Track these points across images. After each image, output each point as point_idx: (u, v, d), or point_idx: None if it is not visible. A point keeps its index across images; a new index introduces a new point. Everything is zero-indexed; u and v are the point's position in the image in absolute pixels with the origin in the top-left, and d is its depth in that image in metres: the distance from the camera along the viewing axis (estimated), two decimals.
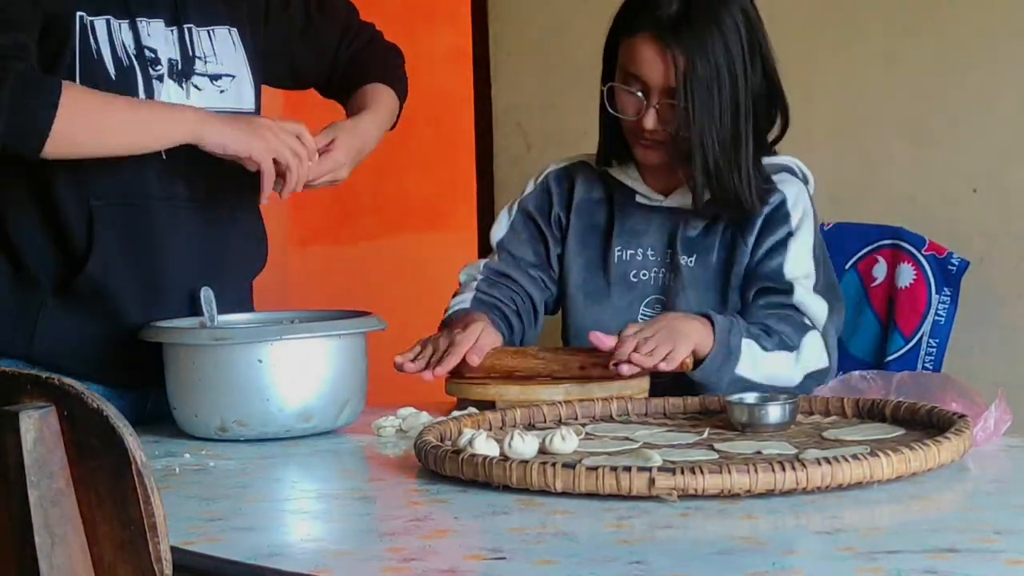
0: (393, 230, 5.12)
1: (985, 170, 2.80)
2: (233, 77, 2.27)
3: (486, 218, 3.51)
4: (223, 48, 2.26)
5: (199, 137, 2.08)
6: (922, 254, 2.62)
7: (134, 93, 2.15)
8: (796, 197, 2.35)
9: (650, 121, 2.29)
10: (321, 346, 2.04)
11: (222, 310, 2.17)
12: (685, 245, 2.36)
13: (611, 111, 2.34)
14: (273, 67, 2.39)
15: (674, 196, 2.38)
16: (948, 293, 2.61)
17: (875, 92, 2.91)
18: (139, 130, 2.09)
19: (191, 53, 2.22)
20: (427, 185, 5.02)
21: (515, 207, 2.51)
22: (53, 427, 1.27)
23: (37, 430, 1.26)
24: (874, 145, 2.91)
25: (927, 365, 2.57)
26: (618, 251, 2.40)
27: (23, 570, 1.26)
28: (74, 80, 2.10)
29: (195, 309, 2.19)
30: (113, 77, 2.13)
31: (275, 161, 2.12)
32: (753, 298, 2.31)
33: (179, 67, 2.20)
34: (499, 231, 2.51)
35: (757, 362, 2.20)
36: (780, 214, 2.34)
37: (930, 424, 1.82)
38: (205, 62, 2.23)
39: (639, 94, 2.29)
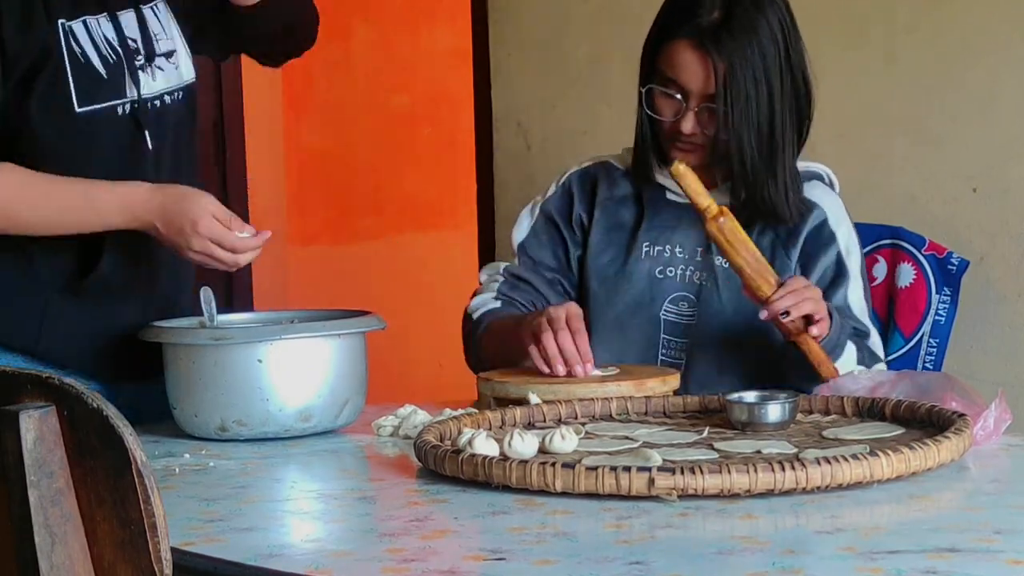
0: (393, 230, 5.12)
1: (985, 170, 2.80)
2: (177, 52, 2.23)
3: (486, 218, 3.51)
4: (167, 23, 2.23)
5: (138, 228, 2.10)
6: (922, 254, 2.62)
7: (122, 86, 2.14)
8: (837, 214, 2.35)
9: (688, 125, 2.28)
10: (321, 346, 2.04)
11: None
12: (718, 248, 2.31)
13: (648, 112, 2.33)
14: (200, 43, 2.34)
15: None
16: (948, 293, 2.61)
17: (875, 92, 2.92)
18: (63, 228, 2.10)
19: (149, 33, 2.19)
20: (427, 185, 5.03)
21: (536, 209, 2.48)
22: (53, 427, 1.27)
23: (37, 430, 1.26)
24: (874, 145, 2.91)
25: (927, 365, 2.57)
26: (645, 247, 2.37)
27: (23, 570, 1.26)
28: (67, 87, 2.09)
29: (187, 311, 2.20)
30: (104, 75, 2.13)
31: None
32: None
33: (145, 52, 2.18)
34: (520, 233, 2.47)
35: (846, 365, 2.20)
36: (825, 234, 2.33)
37: (930, 423, 1.82)
38: (158, 40, 2.20)
39: (678, 97, 2.29)
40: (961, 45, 2.81)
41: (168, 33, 2.22)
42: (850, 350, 2.23)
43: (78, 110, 2.10)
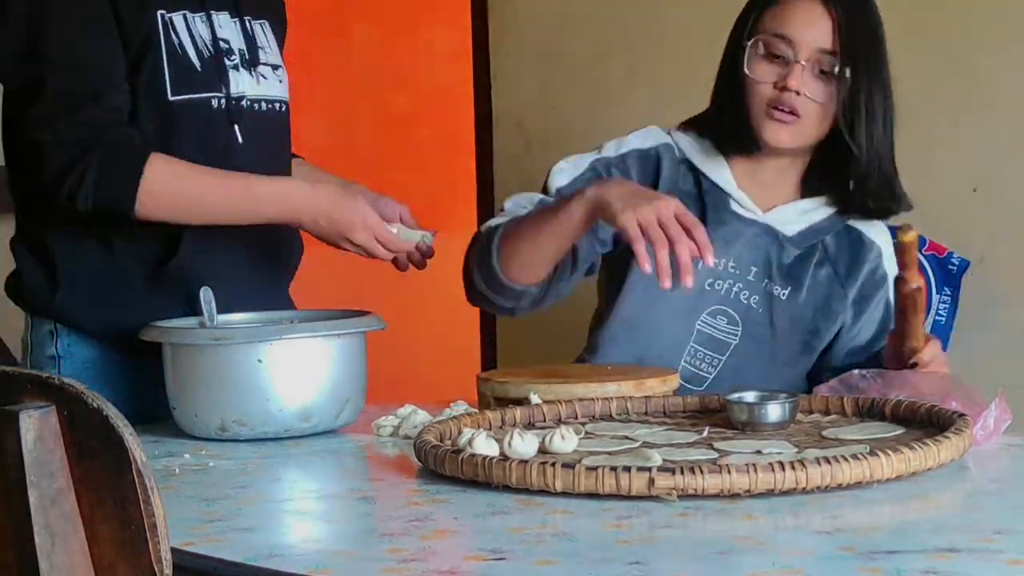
0: None
1: (985, 170, 2.80)
2: (283, 68, 2.36)
3: (486, 218, 3.50)
4: (272, 41, 2.35)
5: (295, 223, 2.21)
6: (922, 254, 2.62)
7: (217, 83, 2.22)
8: (887, 252, 2.28)
9: (795, 80, 2.13)
10: (321, 346, 2.04)
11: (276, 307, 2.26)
12: (782, 274, 2.25)
13: (747, 72, 2.18)
14: None
15: (773, 213, 2.26)
16: (949, 293, 2.61)
17: None
18: (223, 219, 2.18)
19: (255, 43, 2.30)
20: (427, 185, 5.02)
21: (585, 163, 2.29)
22: (53, 427, 1.27)
23: (37, 430, 1.26)
24: None
25: None
26: None
27: (23, 570, 1.26)
28: (162, 75, 2.17)
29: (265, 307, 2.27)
30: (199, 68, 2.21)
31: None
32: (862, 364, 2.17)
33: (247, 56, 2.28)
34: (560, 180, 2.28)
35: None
36: (879, 275, 2.27)
37: (930, 423, 1.82)
38: (265, 52, 2.32)
39: (789, 53, 2.15)
40: (961, 45, 2.81)
41: (272, 50, 2.34)
42: None
43: (171, 98, 2.18)
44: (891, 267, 2.27)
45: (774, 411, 1.86)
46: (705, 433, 1.84)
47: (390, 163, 5.09)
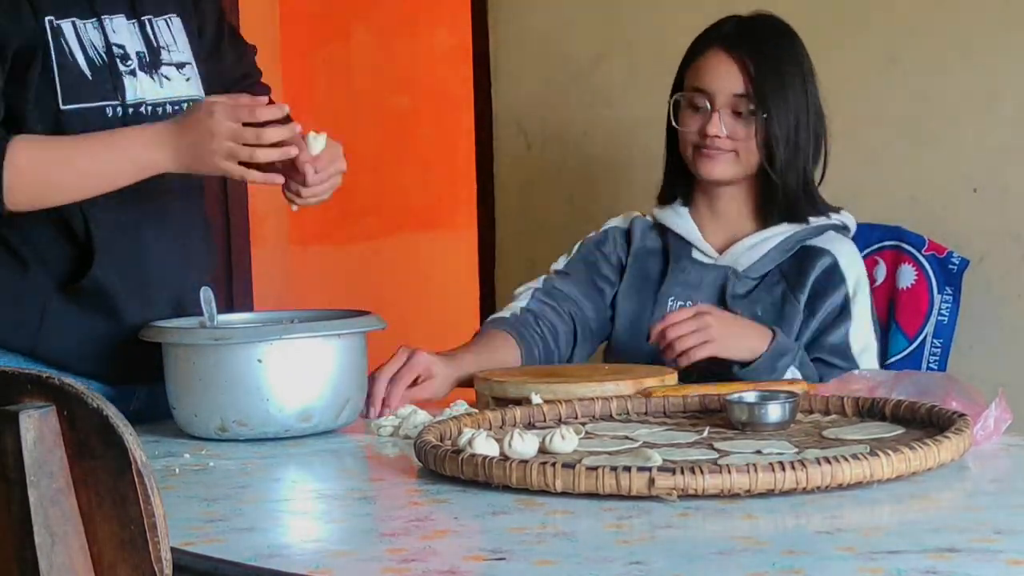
0: (393, 230, 5.12)
1: (985, 170, 2.80)
2: (191, 64, 2.28)
3: (486, 218, 3.51)
4: (179, 37, 2.27)
5: (160, 171, 2.10)
6: (922, 254, 2.62)
7: (110, 90, 2.16)
8: (848, 258, 2.41)
9: (714, 126, 2.39)
10: (321, 346, 2.04)
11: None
12: (734, 301, 2.40)
13: (675, 125, 2.44)
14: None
15: (727, 255, 2.45)
16: (950, 292, 2.61)
17: (875, 92, 2.91)
18: (97, 180, 2.10)
19: (156, 44, 2.23)
20: (427, 185, 5.03)
21: (574, 247, 2.57)
22: (53, 427, 1.27)
23: (37, 430, 1.26)
24: (874, 145, 2.91)
25: (932, 365, 2.57)
26: (671, 300, 2.45)
27: (23, 570, 1.26)
28: (53, 83, 2.12)
29: (185, 309, 2.21)
30: (89, 77, 2.15)
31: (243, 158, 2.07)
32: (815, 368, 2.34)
33: (147, 59, 2.21)
34: (556, 265, 2.56)
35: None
36: (835, 277, 2.39)
37: (930, 423, 1.82)
38: (168, 51, 2.24)
39: (704, 105, 2.40)
40: (961, 45, 2.81)
41: (180, 47, 2.26)
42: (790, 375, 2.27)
43: (62, 107, 2.13)
44: (847, 268, 2.40)
45: (774, 411, 1.86)
46: (705, 433, 1.84)
47: (390, 163, 5.09)
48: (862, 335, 2.38)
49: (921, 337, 2.59)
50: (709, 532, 1.46)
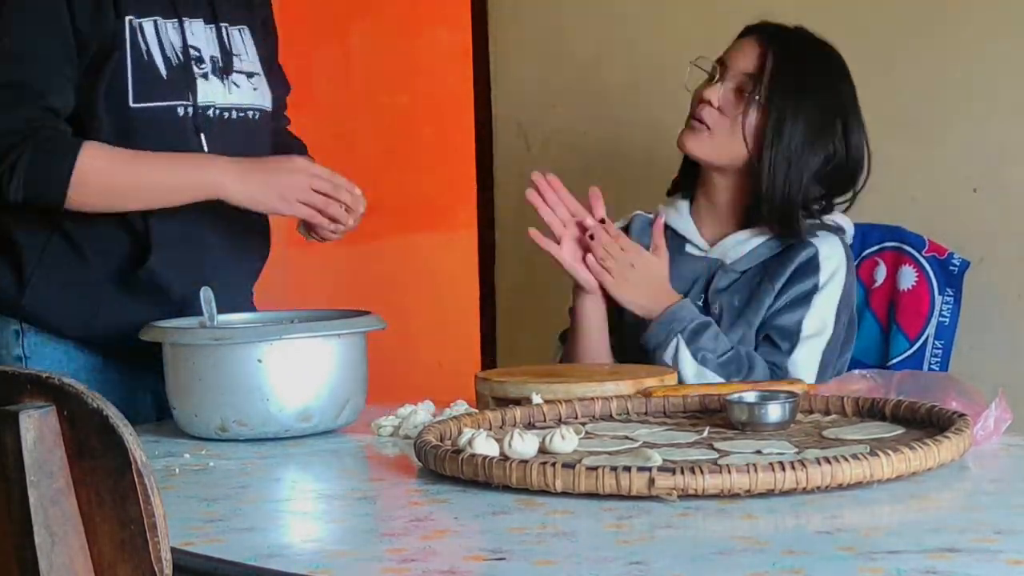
0: (393, 230, 5.12)
1: (985, 170, 2.80)
2: (260, 75, 2.36)
3: (486, 218, 3.51)
4: (250, 48, 2.35)
5: (222, 198, 2.18)
6: (923, 256, 2.62)
7: (183, 90, 2.22)
8: (830, 254, 2.41)
9: (711, 92, 2.38)
10: (321, 346, 2.04)
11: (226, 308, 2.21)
12: (715, 294, 2.42)
13: (687, 88, 2.43)
14: None
15: (717, 248, 2.47)
16: (951, 294, 2.61)
17: (875, 92, 2.91)
18: (158, 194, 2.18)
19: (229, 50, 2.30)
20: (427, 185, 5.02)
21: None
22: (53, 427, 1.27)
23: (37, 430, 1.26)
24: (874, 145, 2.91)
25: (933, 366, 2.57)
26: None
27: (23, 570, 1.26)
28: (125, 81, 2.18)
29: (239, 306, 2.29)
30: (164, 76, 2.21)
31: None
32: (758, 344, 2.38)
33: (220, 64, 2.28)
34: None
35: (683, 366, 2.30)
36: (811, 265, 2.40)
37: (930, 423, 1.82)
38: (240, 59, 2.32)
39: (716, 73, 2.40)
40: (961, 45, 2.81)
41: (250, 57, 2.34)
42: (680, 355, 2.31)
43: (133, 104, 2.19)
44: (826, 258, 2.40)
45: (774, 411, 1.86)
46: (705, 433, 1.84)
47: (390, 163, 5.09)
48: (817, 323, 2.37)
49: (922, 339, 2.59)
50: (709, 532, 1.46)
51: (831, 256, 2.41)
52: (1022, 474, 1.80)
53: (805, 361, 2.35)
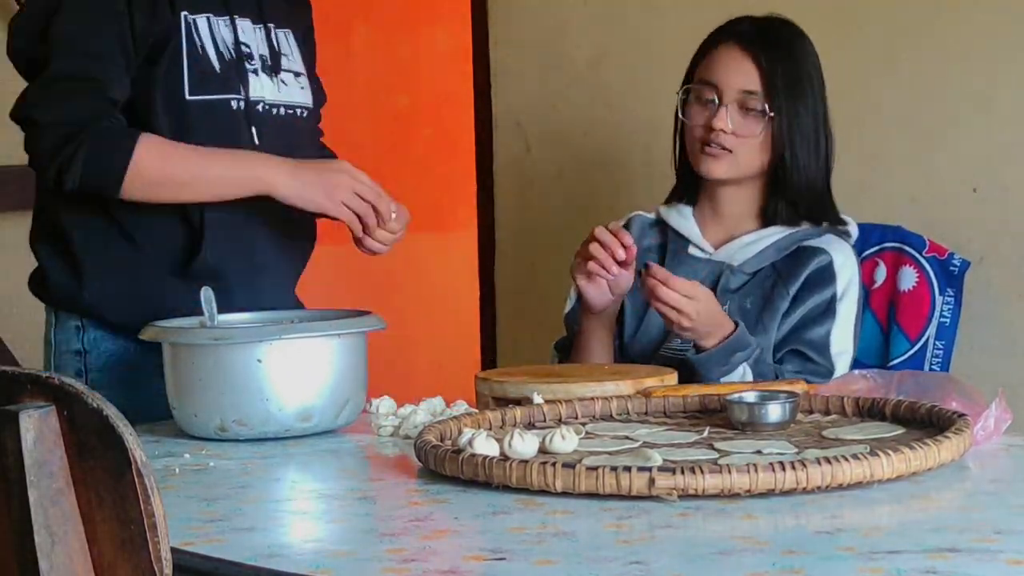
0: None
1: (985, 170, 2.80)
2: (305, 76, 2.41)
3: (486, 218, 3.51)
4: (295, 50, 2.40)
5: (271, 193, 2.21)
6: (923, 256, 2.62)
7: (235, 84, 2.27)
8: (843, 260, 2.42)
9: (721, 120, 2.38)
10: (321, 346, 2.04)
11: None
12: (724, 296, 2.41)
13: (682, 118, 2.43)
14: None
15: (722, 250, 2.46)
16: (951, 294, 2.61)
17: (875, 92, 2.92)
18: (210, 187, 2.22)
19: (277, 50, 2.36)
20: (427, 185, 5.02)
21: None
22: (53, 427, 1.27)
23: (37, 430, 1.26)
24: (874, 145, 2.91)
25: (934, 367, 2.57)
26: None
27: (23, 570, 1.26)
28: (181, 75, 2.23)
29: (287, 302, 2.35)
30: (217, 70, 2.26)
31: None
32: (787, 357, 2.36)
33: (269, 62, 2.33)
34: (567, 308, 2.56)
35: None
36: (826, 274, 2.40)
37: (930, 423, 1.82)
38: (288, 59, 2.37)
39: (712, 98, 2.39)
40: (961, 45, 2.81)
41: (296, 58, 2.40)
42: (741, 373, 2.29)
43: (188, 97, 2.24)
44: (840, 269, 2.40)
45: (774, 411, 1.86)
46: (705, 433, 1.84)
47: (390, 163, 5.08)
48: (842, 338, 2.38)
49: (923, 339, 2.59)
50: (709, 532, 1.46)
51: (845, 265, 2.41)
52: (1022, 474, 1.80)
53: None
